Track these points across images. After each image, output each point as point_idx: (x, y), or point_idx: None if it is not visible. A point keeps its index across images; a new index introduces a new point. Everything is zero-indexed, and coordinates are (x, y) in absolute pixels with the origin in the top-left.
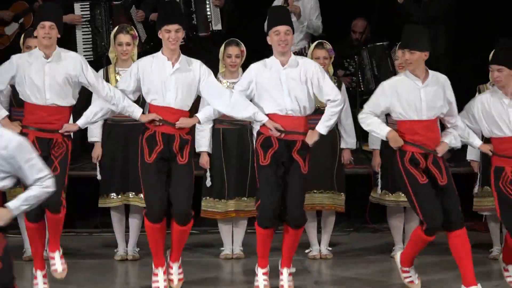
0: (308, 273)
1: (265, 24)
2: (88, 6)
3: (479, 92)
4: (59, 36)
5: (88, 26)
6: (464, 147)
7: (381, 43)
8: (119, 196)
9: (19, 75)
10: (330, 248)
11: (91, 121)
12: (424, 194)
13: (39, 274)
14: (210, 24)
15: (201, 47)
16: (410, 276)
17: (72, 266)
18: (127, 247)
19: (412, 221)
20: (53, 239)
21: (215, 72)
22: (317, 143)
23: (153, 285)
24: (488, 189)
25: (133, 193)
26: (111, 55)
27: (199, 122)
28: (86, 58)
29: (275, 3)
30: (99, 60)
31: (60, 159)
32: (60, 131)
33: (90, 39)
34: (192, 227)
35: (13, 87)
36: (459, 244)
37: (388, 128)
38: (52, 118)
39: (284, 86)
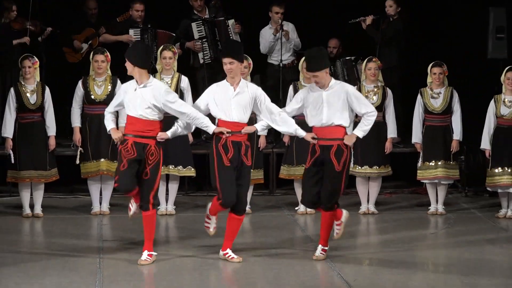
0: (297, 224)
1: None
2: (139, 32)
3: (421, 94)
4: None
5: None
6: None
7: (349, 58)
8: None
9: (124, 97)
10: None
11: (178, 133)
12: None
13: (132, 204)
14: None
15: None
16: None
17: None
18: (166, 205)
19: (374, 187)
20: (146, 238)
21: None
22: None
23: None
24: (427, 163)
25: (173, 165)
26: (158, 66)
27: (256, 131)
28: None
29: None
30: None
31: (152, 166)
32: (157, 137)
33: None
34: (206, 191)
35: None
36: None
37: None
38: (146, 128)
39: (325, 104)
